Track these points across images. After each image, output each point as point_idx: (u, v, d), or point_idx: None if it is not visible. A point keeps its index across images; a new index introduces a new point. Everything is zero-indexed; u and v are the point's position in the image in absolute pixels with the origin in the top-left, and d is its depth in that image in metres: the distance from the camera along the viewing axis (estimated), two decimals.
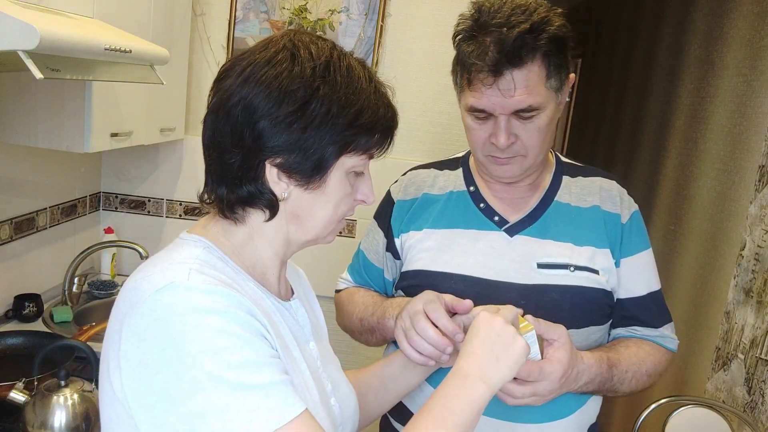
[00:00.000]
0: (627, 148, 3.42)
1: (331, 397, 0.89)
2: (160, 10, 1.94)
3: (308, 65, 0.77)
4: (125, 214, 2.48)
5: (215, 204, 0.82)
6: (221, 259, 0.79)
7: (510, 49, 1.00)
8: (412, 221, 1.22)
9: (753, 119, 2.11)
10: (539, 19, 1.02)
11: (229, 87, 0.78)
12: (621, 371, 1.11)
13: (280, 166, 0.78)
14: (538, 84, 1.04)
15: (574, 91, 5.36)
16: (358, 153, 0.81)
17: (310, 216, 0.82)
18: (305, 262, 1.10)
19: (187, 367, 0.66)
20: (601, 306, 1.15)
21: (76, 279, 2.09)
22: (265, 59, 0.77)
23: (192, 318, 0.68)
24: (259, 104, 0.75)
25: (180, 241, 0.82)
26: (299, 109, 0.75)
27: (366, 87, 0.80)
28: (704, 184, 2.43)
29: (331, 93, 0.77)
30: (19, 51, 1.08)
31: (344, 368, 1.01)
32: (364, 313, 1.21)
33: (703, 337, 2.31)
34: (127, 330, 0.70)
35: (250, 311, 0.72)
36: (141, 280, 0.73)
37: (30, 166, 1.95)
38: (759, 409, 1.90)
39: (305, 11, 2.31)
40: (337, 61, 0.79)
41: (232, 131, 0.77)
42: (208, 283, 0.71)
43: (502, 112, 1.05)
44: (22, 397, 1.33)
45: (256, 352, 0.70)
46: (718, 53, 2.43)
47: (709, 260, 2.32)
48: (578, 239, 1.14)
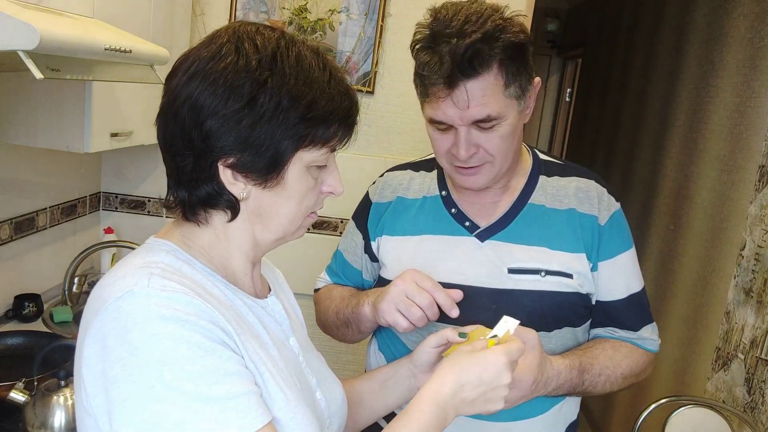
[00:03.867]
0: (627, 148, 3.42)
1: (316, 391, 0.87)
2: (160, 10, 1.94)
3: (254, 57, 0.73)
4: (125, 214, 2.48)
5: (178, 207, 0.80)
6: (187, 262, 0.77)
7: (461, 61, 0.97)
8: (386, 225, 1.22)
9: (753, 119, 2.11)
10: (492, 27, 0.98)
11: (176, 86, 0.75)
12: (593, 375, 1.10)
13: (234, 167, 0.74)
14: (495, 93, 1.01)
15: (574, 91, 5.37)
16: (316, 146, 0.76)
17: (274, 214, 0.79)
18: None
19: (145, 377, 0.64)
20: (575, 309, 1.14)
21: (76, 279, 2.09)
22: (210, 54, 0.74)
23: (151, 326, 0.66)
24: (205, 102, 0.72)
25: (145, 246, 0.80)
26: (247, 104, 0.72)
27: (319, 76, 0.75)
28: (704, 184, 2.43)
29: (279, 85, 0.72)
30: (19, 51, 1.08)
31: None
32: (339, 305, 1.21)
33: (703, 337, 2.31)
34: (89, 339, 0.69)
35: (212, 318, 0.70)
36: (104, 288, 0.71)
37: (30, 166, 1.95)
38: (759, 409, 1.90)
39: (305, 11, 2.31)
40: (285, 50, 0.75)
41: (181, 132, 0.74)
42: (168, 289, 0.69)
43: (461, 124, 1.03)
44: (22, 397, 1.33)
45: (218, 361, 0.67)
46: (718, 53, 2.43)
47: (709, 260, 2.32)
48: (552, 243, 1.12)
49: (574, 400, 1.20)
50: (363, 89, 2.32)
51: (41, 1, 1.29)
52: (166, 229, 0.82)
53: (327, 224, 2.42)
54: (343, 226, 2.41)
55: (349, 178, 2.55)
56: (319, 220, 2.40)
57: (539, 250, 1.12)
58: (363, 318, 1.13)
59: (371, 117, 2.34)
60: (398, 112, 2.36)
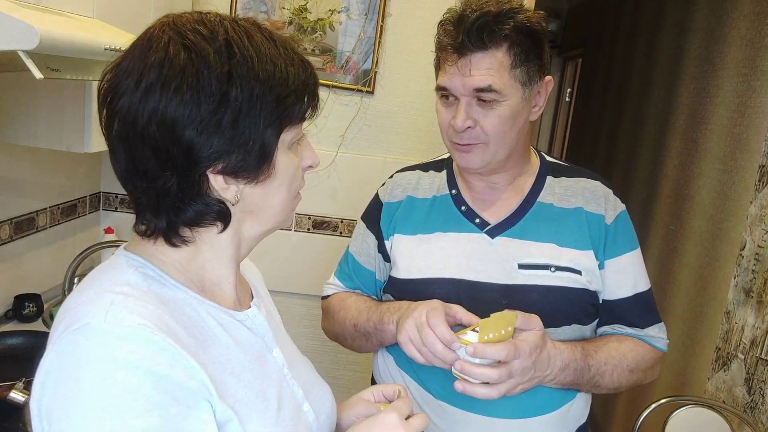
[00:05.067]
0: (627, 148, 3.42)
1: (303, 403, 0.84)
2: (160, 10, 1.94)
3: (208, 50, 0.67)
4: (125, 214, 2.48)
5: (158, 235, 0.74)
6: (157, 279, 0.72)
7: (470, 29, 1.03)
8: (398, 224, 1.23)
9: (753, 119, 2.11)
10: (508, 8, 1.05)
11: (129, 107, 0.68)
12: (599, 362, 1.11)
13: (224, 171, 0.70)
14: (500, 70, 1.05)
15: (574, 91, 5.37)
16: (294, 124, 0.74)
17: (267, 206, 0.76)
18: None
19: (85, 424, 0.61)
20: (583, 306, 1.15)
21: (76, 279, 2.09)
22: (157, 59, 0.67)
23: (101, 370, 0.61)
24: (176, 113, 0.66)
25: (113, 262, 0.75)
26: (220, 102, 0.67)
27: (275, 52, 0.71)
28: (704, 184, 2.43)
29: (246, 72, 0.68)
30: (19, 51, 1.08)
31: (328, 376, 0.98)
32: (358, 318, 1.21)
33: (703, 337, 2.31)
34: (41, 368, 0.64)
35: (172, 357, 0.65)
36: (67, 311, 0.67)
37: (30, 166, 1.95)
38: (759, 409, 1.90)
39: (305, 11, 2.31)
40: (235, 34, 0.69)
41: (155, 154, 0.68)
42: (127, 324, 0.64)
43: (463, 93, 1.07)
44: (22, 397, 1.33)
45: (161, 420, 0.62)
46: (718, 53, 2.43)
47: (709, 260, 2.32)
48: (561, 240, 1.15)
49: (583, 401, 1.20)
50: (363, 89, 2.31)
51: (41, 1, 1.30)
52: (137, 238, 0.77)
53: (327, 224, 2.42)
54: (343, 226, 2.41)
55: (349, 178, 2.55)
56: (319, 219, 2.40)
57: (548, 247, 1.14)
58: (387, 334, 1.15)
59: (371, 117, 2.34)
60: (398, 112, 2.36)
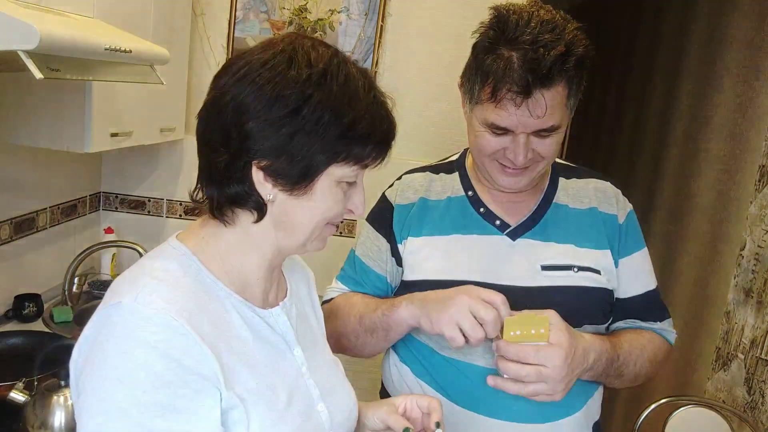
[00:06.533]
0: (627, 148, 3.42)
1: (318, 403, 0.87)
2: (160, 10, 1.94)
3: (305, 71, 0.75)
4: (125, 214, 2.48)
5: (205, 203, 0.82)
6: (194, 270, 0.79)
7: (545, 72, 0.97)
8: (411, 227, 1.20)
9: (753, 119, 2.11)
10: (570, 39, 1.00)
11: (224, 85, 0.77)
12: (625, 351, 1.12)
13: (266, 169, 0.76)
14: (560, 104, 1.03)
15: None
16: (349, 163, 0.79)
17: (296, 222, 0.81)
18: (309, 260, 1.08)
19: (102, 389, 0.68)
20: (601, 305, 1.16)
21: (76, 279, 2.09)
22: (262, 60, 0.76)
23: (124, 344, 0.68)
24: (251, 104, 0.74)
25: (161, 248, 0.82)
26: (290, 113, 0.74)
27: (363, 97, 0.78)
28: (704, 184, 2.43)
29: (324, 100, 0.75)
30: (19, 51, 1.08)
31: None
32: (365, 310, 1.17)
33: (703, 337, 2.31)
34: (84, 332, 0.73)
35: (187, 343, 0.70)
36: (115, 284, 0.76)
37: (30, 166, 1.95)
38: (759, 409, 1.90)
39: (305, 11, 2.31)
40: (336, 69, 0.78)
41: (222, 130, 0.76)
42: (152, 308, 0.70)
43: (524, 131, 1.03)
44: (22, 397, 1.33)
45: (170, 397, 0.68)
46: (718, 53, 2.43)
47: (709, 260, 2.32)
48: (579, 241, 1.15)
49: (599, 396, 1.21)
50: None
51: (41, 1, 1.30)
52: (190, 228, 0.85)
53: None
54: (342, 225, 2.40)
55: None
56: None
57: (568, 248, 1.14)
58: (395, 322, 1.11)
59: None
60: (398, 112, 2.36)
